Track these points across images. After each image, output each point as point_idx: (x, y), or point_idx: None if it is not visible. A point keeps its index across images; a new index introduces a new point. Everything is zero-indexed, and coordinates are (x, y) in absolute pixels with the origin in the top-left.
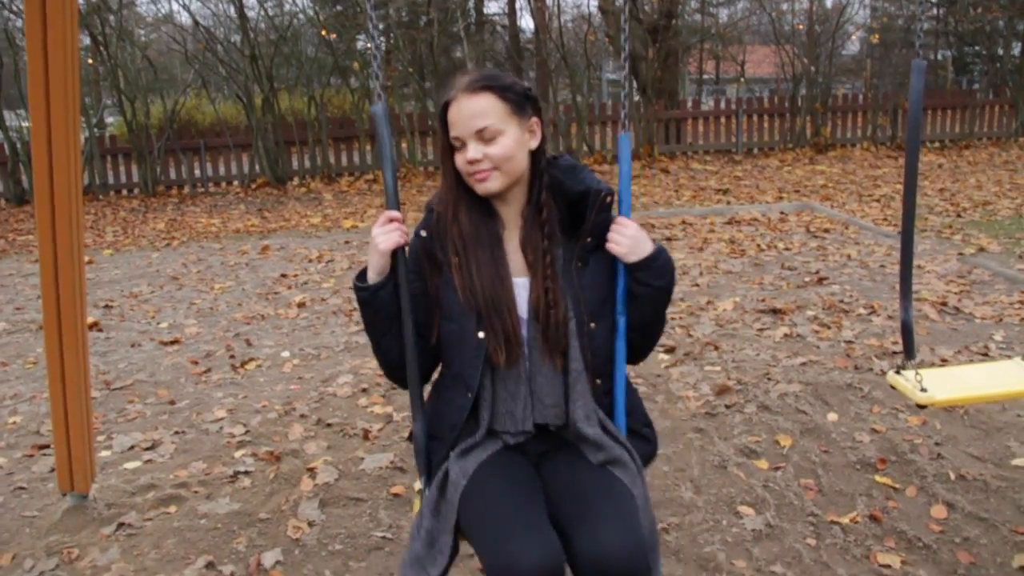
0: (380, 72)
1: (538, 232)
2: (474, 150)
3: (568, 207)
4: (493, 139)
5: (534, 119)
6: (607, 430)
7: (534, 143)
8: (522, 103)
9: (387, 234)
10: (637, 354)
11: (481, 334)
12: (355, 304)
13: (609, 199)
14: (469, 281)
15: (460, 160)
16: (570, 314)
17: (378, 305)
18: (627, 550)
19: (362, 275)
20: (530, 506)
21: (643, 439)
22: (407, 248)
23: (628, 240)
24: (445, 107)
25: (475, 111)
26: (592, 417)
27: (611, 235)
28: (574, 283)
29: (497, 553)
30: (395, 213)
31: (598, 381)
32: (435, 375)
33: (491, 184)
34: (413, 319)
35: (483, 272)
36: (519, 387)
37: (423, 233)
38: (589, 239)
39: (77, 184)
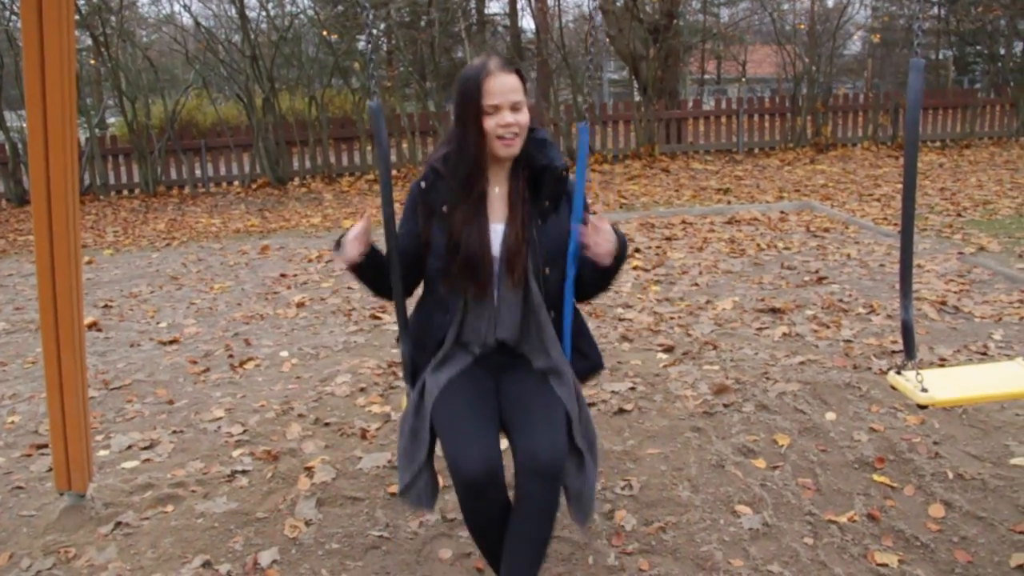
0: (375, 68)
1: (521, 185)
2: (510, 116)
3: (532, 174)
4: (520, 110)
5: (530, 101)
6: (551, 349)
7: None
8: (526, 87)
9: (352, 244)
10: (590, 296)
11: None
12: (353, 304)
13: (564, 174)
14: (453, 227)
15: (493, 123)
16: (529, 260)
17: (360, 273)
18: (549, 453)
19: (339, 240)
20: (482, 420)
21: (584, 357)
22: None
23: (608, 245)
24: (480, 79)
25: (511, 86)
26: (543, 338)
27: (593, 245)
28: (533, 237)
29: (453, 456)
30: (361, 227)
31: (552, 313)
32: (418, 292)
33: (515, 148)
34: (402, 253)
35: (466, 221)
36: (484, 310)
37: (423, 184)
38: (547, 203)
39: (74, 184)
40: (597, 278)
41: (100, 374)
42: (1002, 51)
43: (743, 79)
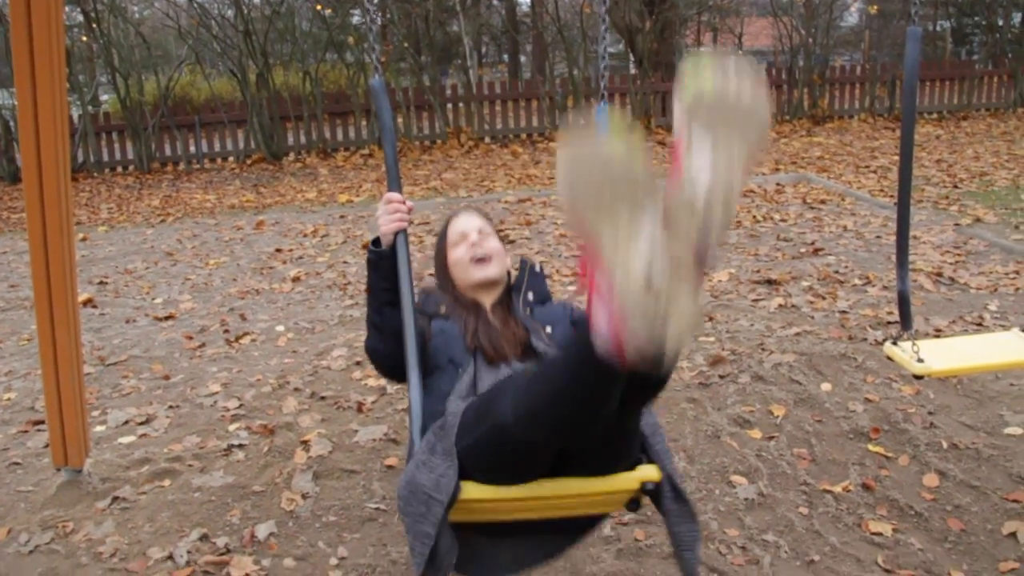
0: (377, 45)
1: (505, 298)
2: (475, 238)
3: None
4: (488, 237)
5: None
6: None
7: (508, 261)
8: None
9: (388, 218)
10: None
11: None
12: (349, 278)
13: (538, 269)
14: (454, 312)
15: (460, 252)
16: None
17: (383, 268)
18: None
19: (377, 240)
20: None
21: None
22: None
23: None
24: (446, 225)
25: (475, 221)
26: None
27: None
28: (529, 316)
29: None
30: (396, 195)
31: None
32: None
33: (491, 270)
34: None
35: (469, 312)
36: (499, 371)
37: (415, 300)
38: (530, 295)
39: (65, 160)
40: None
41: (96, 350)
42: (1000, 22)
43: (739, 52)
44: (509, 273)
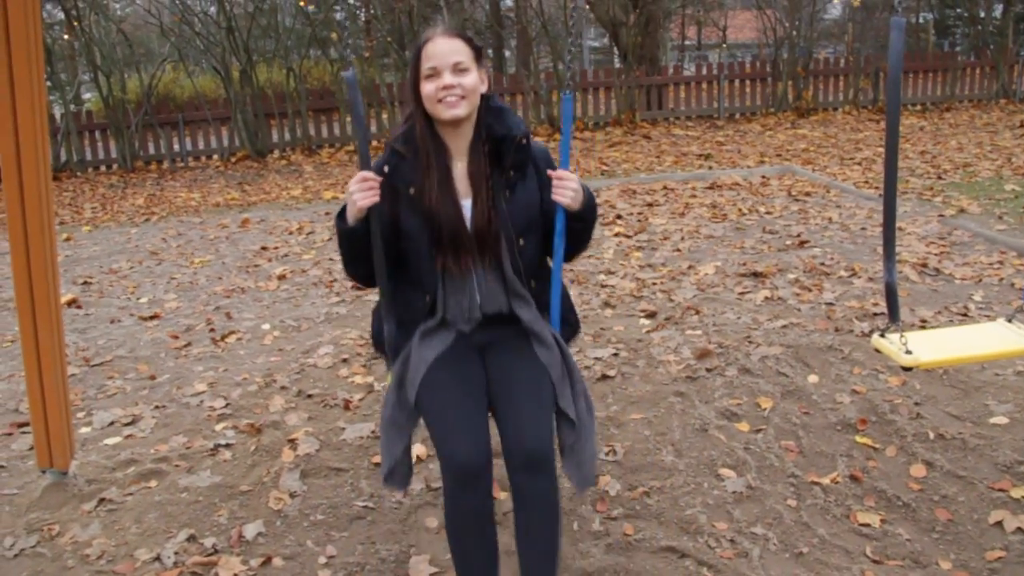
0: (350, 38)
1: (482, 160)
2: (449, 78)
3: (494, 144)
4: (464, 72)
5: (483, 70)
6: (534, 315)
7: (484, 88)
8: (480, 54)
9: (363, 194)
10: (572, 257)
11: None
12: (335, 275)
13: (524, 141)
14: (425, 207)
15: (431, 87)
16: (501, 232)
17: (354, 240)
18: (535, 443)
19: (342, 213)
20: (471, 407)
21: (567, 323)
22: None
23: (572, 193)
24: (420, 45)
25: (453, 48)
26: (526, 307)
27: (555, 190)
28: (503, 209)
29: (445, 447)
30: (370, 173)
31: (532, 283)
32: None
33: (459, 110)
34: (384, 240)
35: (435, 198)
36: (465, 286)
37: (385, 169)
38: (512, 173)
39: (45, 160)
40: (574, 238)
41: (81, 351)
42: (982, 14)
43: (724, 44)
44: (488, 89)
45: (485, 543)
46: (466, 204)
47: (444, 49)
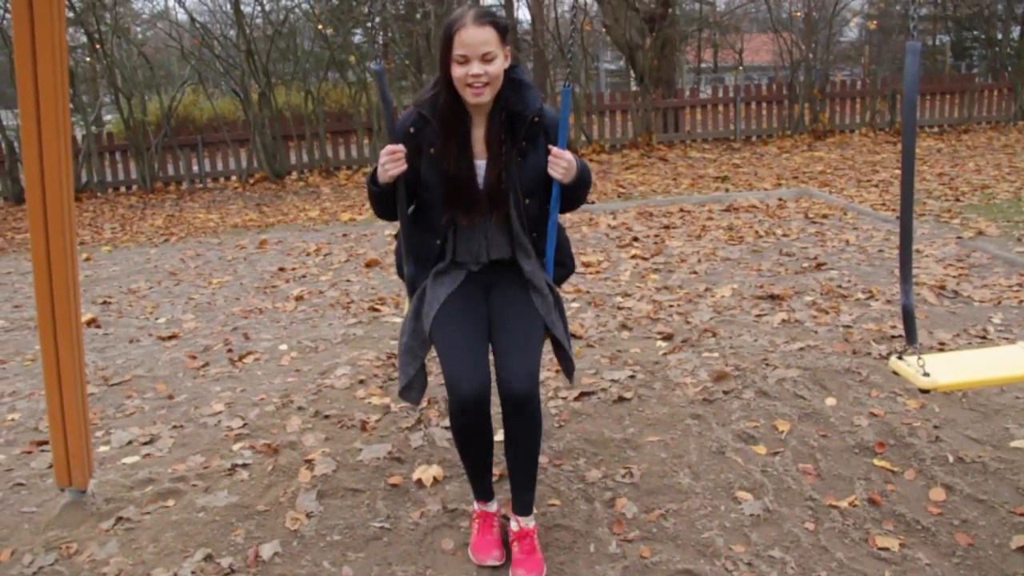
0: (379, 33)
1: (498, 128)
2: (478, 67)
3: (508, 116)
4: (491, 61)
5: (507, 48)
6: (534, 266)
7: (507, 64)
8: (505, 34)
9: (392, 164)
10: (569, 211)
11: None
12: (352, 297)
13: (536, 119)
14: (443, 167)
15: (461, 72)
16: (510, 192)
17: (383, 198)
18: (523, 383)
19: (374, 177)
20: (476, 343)
21: (561, 265)
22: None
23: (563, 170)
24: (453, 31)
25: (483, 39)
26: (527, 255)
27: (551, 165)
28: (514, 172)
29: (452, 377)
30: (398, 146)
31: (534, 235)
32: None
33: (484, 97)
34: (407, 190)
35: (453, 161)
36: (475, 235)
37: (411, 130)
38: (524, 143)
39: (68, 180)
40: (569, 200)
41: (100, 370)
42: (999, 36)
43: (740, 67)
44: (509, 68)
45: (483, 440)
46: (480, 164)
47: (476, 39)
